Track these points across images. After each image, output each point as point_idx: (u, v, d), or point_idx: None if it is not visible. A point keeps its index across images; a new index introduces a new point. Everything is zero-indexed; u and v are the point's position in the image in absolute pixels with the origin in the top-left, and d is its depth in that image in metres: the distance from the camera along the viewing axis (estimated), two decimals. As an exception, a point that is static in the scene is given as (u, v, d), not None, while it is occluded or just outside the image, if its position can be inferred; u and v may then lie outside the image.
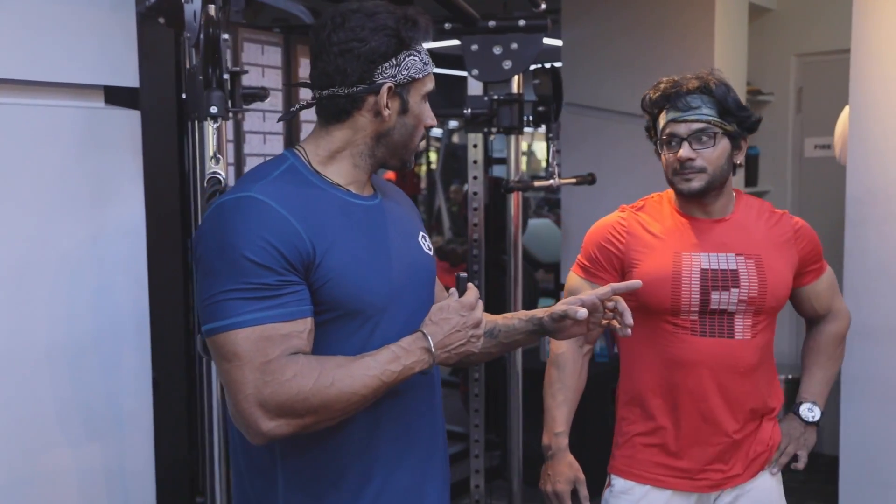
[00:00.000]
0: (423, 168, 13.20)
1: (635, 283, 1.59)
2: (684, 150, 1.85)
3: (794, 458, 2.03)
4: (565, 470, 1.95)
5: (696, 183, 1.87)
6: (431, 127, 1.51)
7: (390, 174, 8.83)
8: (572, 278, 2.04)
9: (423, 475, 1.52)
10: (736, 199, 1.98)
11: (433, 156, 13.17)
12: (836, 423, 3.08)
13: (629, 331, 1.52)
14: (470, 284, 1.47)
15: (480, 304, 1.47)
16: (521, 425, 2.93)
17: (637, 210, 2.00)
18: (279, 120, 2.04)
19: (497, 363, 3.58)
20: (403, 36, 1.41)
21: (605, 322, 1.55)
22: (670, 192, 1.99)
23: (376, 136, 1.45)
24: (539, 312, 1.60)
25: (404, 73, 1.43)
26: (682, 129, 1.86)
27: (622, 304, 1.53)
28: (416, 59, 1.44)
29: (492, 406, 3.35)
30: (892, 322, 2.91)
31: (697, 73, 1.91)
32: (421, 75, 1.45)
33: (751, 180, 4.43)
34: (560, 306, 1.55)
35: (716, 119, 1.86)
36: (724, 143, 1.88)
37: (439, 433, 1.58)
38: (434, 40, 1.56)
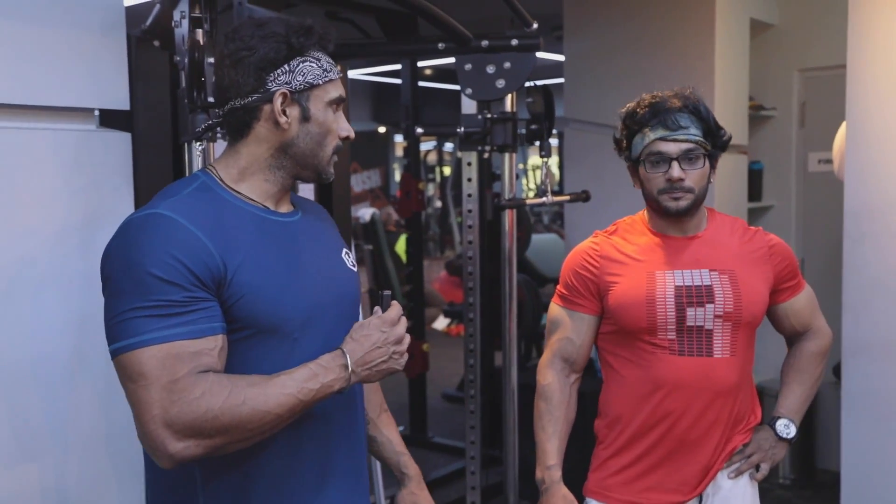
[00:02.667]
0: (437, 182, 13.20)
1: None
2: (676, 171, 1.84)
3: (756, 467, 1.99)
4: (560, 503, 1.94)
5: (684, 202, 1.87)
6: (347, 139, 1.46)
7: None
8: (553, 309, 2.03)
9: (347, 500, 1.50)
10: (709, 216, 1.99)
11: (446, 170, 13.19)
12: (838, 440, 3.07)
13: None
14: (394, 302, 1.44)
15: (403, 320, 1.44)
16: (517, 441, 2.93)
17: (610, 234, 2.00)
18: (182, 142, 1.94)
19: (496, 378, 3.58)
20: (294, 42, 1.39)
21: None
22: (641, 213, 2.01)
23: (280, 146, 1.42)
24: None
25: (299, 79, 1.39)
26: (672, 148, 1.85)
27: None
28: (314, 65, 1.41)
29: (497, 422, 3.34)
30: (891, 337, 2.90)
31: (677, 92, 1.90)
32: (320, 81, 1.42)
33: (755, 195, 4.41)
34: None
35: (702, 140, 1.86)
36: (707, 163, 1.89)
37: (361, 456, 1.56)
38: (429, 59, 1.55)
